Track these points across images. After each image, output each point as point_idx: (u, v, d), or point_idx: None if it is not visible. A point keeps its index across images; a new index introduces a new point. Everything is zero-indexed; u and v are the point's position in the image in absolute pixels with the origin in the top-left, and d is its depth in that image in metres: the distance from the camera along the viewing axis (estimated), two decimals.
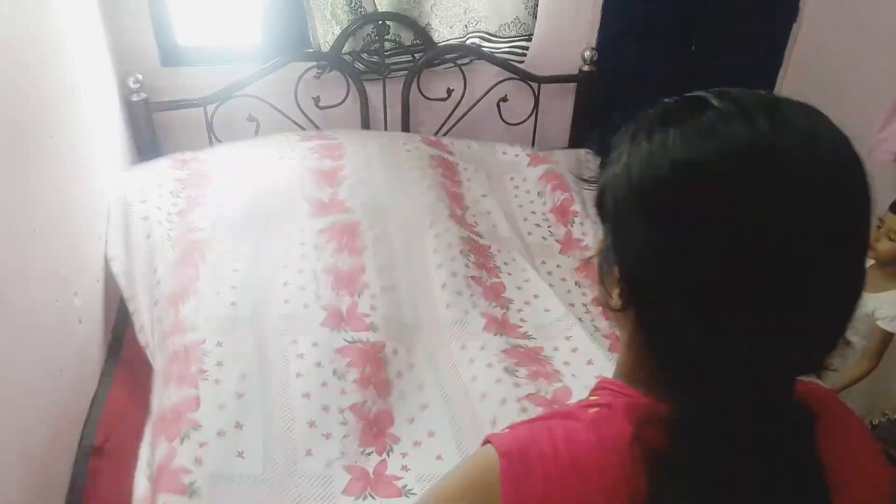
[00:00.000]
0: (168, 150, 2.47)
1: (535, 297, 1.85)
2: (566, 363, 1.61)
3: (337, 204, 1.96)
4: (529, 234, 2.17)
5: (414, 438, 1.46)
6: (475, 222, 2.08)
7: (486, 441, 0.63)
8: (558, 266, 2.07)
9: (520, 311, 1.79)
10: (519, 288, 1.87)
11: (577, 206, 2.24)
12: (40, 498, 1.31)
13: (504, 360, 1.57)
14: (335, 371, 1.53)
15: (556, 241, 2.16)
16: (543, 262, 2.06)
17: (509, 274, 1.92)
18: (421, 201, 2.04)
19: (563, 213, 2.24)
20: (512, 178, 2.40)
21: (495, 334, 1.66)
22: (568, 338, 1.70)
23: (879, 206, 2.66)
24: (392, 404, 1.54)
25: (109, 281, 1.86)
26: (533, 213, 2.27)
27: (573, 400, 1.46)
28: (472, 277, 1.84)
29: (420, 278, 1.83)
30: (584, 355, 1.63)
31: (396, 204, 2.01)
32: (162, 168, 2.11)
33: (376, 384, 1.54)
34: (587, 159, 2.70)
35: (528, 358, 1.61)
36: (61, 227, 1.59)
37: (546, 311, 1.78)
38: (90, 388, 1.64)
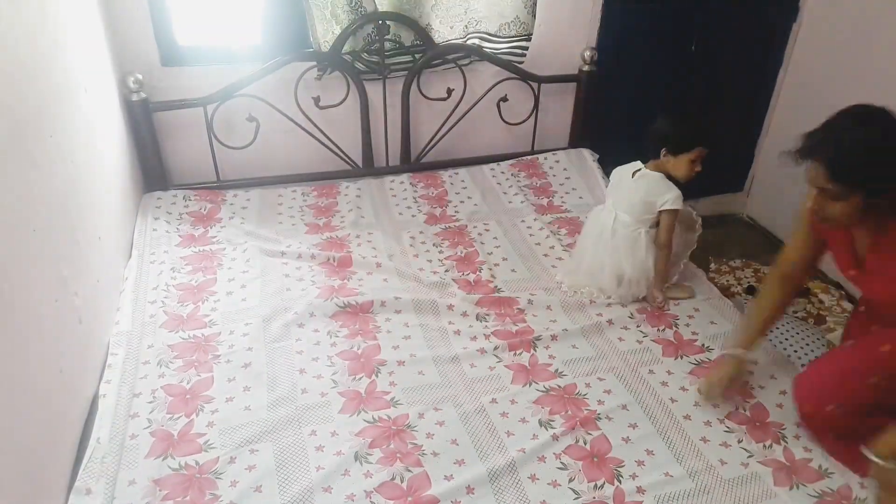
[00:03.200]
0: (168, 150, 2.49)
1: (565, 330, 1.89)
2: (600, 402, 1.66)
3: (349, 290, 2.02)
4: (554, 266, 2.20)
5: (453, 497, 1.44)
6: (492, 276, 2.12)
7: None
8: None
9: (548, 347, 1.84)
10: (546, 328, 1.91)
11: None
12: (40, 497, 1.31)
13: (538, 413, 1.62)
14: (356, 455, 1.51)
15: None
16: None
17: (534, 315, 1.96)
18: (430, 280, 2.09)
19: None
20: (523, 221, 2.44)
21: (524, 385, 1.70)
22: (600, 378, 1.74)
23: None
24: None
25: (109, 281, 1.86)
26: (552, 247, 2.29)
27: (612, 452, 1.51)
28: (495, 332, 1.88)
29: (441, 349, 1.84)
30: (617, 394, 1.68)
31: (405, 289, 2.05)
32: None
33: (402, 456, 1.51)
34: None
35: (561, 401, 1.66)
36: (61, 227, 1.59)
37: (573, 347, 1.84)
38: (90, 388, 1.64)
